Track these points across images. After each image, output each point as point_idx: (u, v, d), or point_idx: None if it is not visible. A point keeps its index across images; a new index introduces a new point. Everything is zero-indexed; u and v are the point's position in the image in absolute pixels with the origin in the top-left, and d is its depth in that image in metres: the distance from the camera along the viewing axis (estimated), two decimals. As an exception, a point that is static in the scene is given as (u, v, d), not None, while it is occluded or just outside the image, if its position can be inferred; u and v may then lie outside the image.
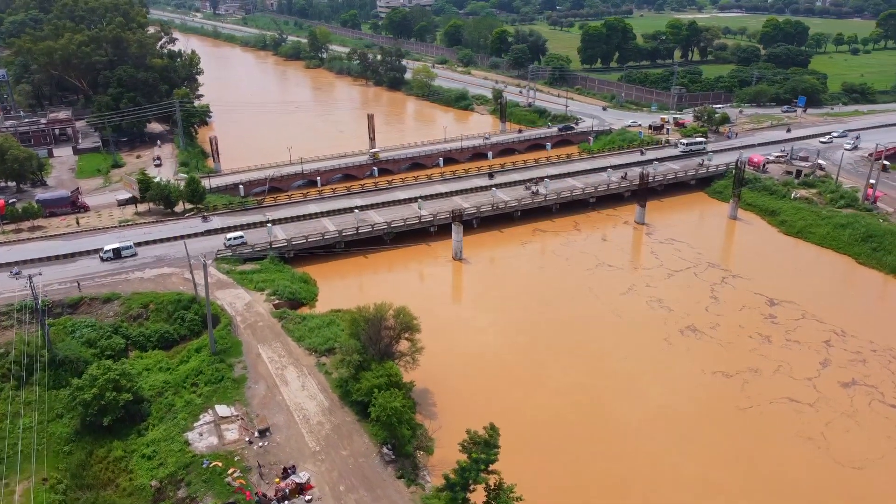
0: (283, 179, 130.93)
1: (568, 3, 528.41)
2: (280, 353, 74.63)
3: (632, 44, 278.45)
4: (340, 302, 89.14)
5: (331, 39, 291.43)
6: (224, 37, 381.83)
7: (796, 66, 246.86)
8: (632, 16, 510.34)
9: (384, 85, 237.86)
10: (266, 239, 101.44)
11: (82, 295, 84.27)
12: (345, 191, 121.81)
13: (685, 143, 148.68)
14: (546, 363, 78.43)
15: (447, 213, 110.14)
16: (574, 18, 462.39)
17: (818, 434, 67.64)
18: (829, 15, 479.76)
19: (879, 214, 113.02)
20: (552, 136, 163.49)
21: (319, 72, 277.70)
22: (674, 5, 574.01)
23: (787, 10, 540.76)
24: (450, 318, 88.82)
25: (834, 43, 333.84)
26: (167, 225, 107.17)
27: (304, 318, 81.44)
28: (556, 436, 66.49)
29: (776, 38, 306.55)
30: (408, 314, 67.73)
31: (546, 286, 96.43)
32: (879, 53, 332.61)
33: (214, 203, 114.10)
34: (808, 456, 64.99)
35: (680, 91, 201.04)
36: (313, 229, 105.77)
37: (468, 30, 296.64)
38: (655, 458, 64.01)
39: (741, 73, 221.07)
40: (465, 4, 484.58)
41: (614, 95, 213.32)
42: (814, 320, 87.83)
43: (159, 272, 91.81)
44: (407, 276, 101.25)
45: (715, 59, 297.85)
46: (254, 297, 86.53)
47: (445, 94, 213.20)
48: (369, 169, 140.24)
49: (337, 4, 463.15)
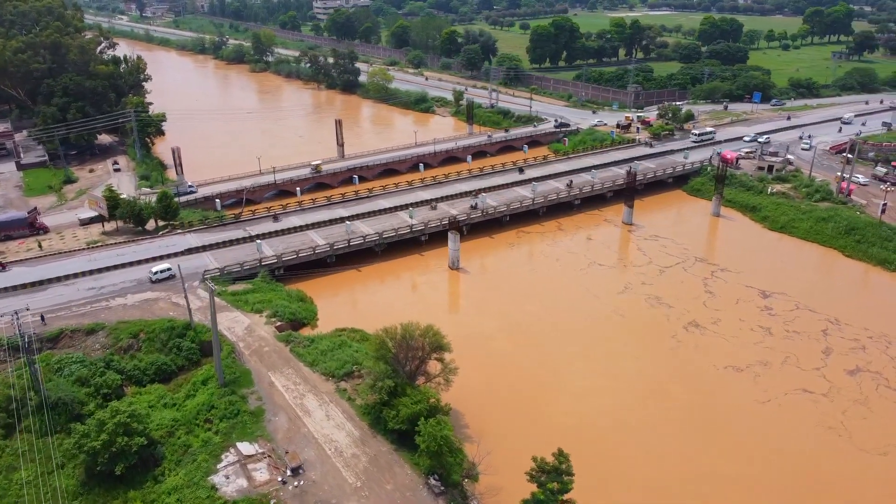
0: (256, 191, 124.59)
1: (505, 2, 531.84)
2: (295, 381, 69.78)
3: (579, 43, 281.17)
4: (342, 320, 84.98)
5: (276, 42, 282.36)
6: (157, 40, 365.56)
7: (736, 62, 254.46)
8: (567, 14, 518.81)
9: (337, 88, 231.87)
10: (254, 256, 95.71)
11: (62, 327, 76.97)
12: (325, 200, 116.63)
13: (697, 134, 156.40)
14: (561, 368, 77.31)
15: (437, 220, 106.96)
16: (513, 18, 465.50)
17: (838, 423, 69.00)
18: (752, 12, 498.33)
19: (856, 207, 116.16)
20: (542, 135, 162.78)
21: (266, 76, 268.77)
22: (606, 4, 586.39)
23: (713, 7, 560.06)
24: (456, 328, 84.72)
25: (766, 39, 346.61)
26: (141, 245, 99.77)
27: (312, 340, 76.64)
28: (588, 443, 64.95)
29: (714, 35, 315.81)
30: (437, 333, 64.21)
31: (546, 289, 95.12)
32: (807, 49, 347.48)
33: (189, 219, 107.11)
34: (833, 446, 65.88)
35: (637, 89, 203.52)
36: (301, 243, 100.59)
37: (415, 30, 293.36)
38: (692, 458, 63.74)
39: (691, 71, 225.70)
40: (404, 5, 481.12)
41: (571, 94, 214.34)
42: (807, 310, 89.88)
43: (143, 297, 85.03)
44: (404, 288, 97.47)
45: (658, 57, 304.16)
46: (252, 319, 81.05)
47: (403, 96, 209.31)
48: (343, 177, 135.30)
49: (272, 6, 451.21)
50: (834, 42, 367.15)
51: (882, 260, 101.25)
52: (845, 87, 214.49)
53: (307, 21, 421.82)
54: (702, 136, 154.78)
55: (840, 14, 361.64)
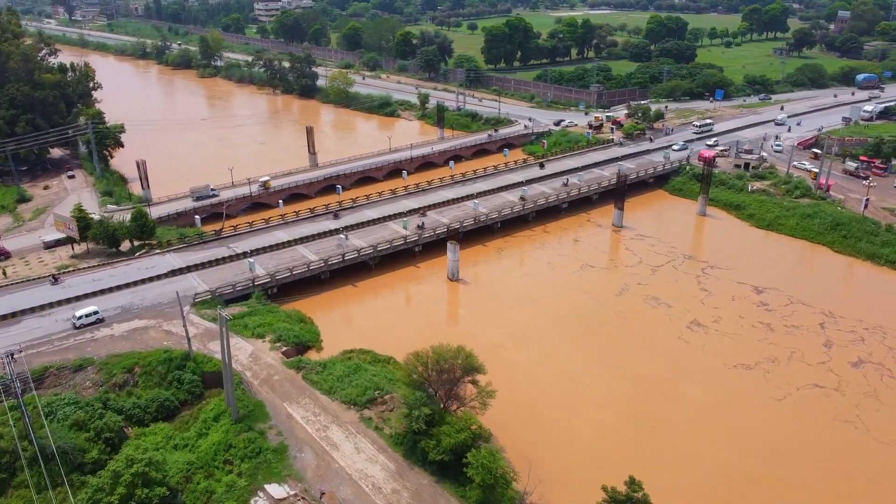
0: (232, 204, 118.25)
1: (449, 2, 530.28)
2: (314, 411, 65.25)
3: (533, 43, 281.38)
4: (347, 340, 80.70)
5: (224, 46, 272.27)
6: (93, 45, 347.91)
7: (685, 60, 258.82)
8: (511, 14, 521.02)
9: (294, 93, 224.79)
10: (245, 275, 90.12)
11: (46, 364, 70.14)
12: (308, 212, 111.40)
13: (698, 125, 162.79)
14: (576, 375, 76.17)
15: (431, 230, 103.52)
16: (458, 18, 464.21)
17: (854, 417, 70.09)
18: (688, 10, 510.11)
19: (836, 202, 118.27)
20: (515, 137, 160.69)
21: (215, 81, 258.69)
22: (547, 3, 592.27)
23: (650, 6, 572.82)
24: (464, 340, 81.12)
25: (709, 37, 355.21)
26: (117, 268, 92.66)
27: (323, 365, 72.04)
28: (617, 451, 64.22)
29: (661, 33, 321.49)
30: (470, 355, 60.82)
31: (544, 294, 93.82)
32: (748, 45, 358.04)
33: (166, 237, 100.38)
34: (853, 439, 66.70)
35: (599, 89, 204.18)
36: (291, 259, 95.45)
37: (367, 32, 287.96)
38: (721, 461, 63.46)
39: (649, 69, 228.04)
40: (347, 6, 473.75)
41: (533, 95, 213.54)
42: (801, 304, 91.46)
43: (131, 326, 78.59)
44: (405, 302, 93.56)
45: (608, 56, 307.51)
46: (255, 345, 75.84)
47: (365, 100, 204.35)
48: (320, 186, 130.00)
49: (212, 8, 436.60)
50: (771, 39, 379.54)
51: (871, 254, 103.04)
52: (796, 83, 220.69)
53: (250, 23, 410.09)
54: (702, 128, 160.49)
55: (776, 12, 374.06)
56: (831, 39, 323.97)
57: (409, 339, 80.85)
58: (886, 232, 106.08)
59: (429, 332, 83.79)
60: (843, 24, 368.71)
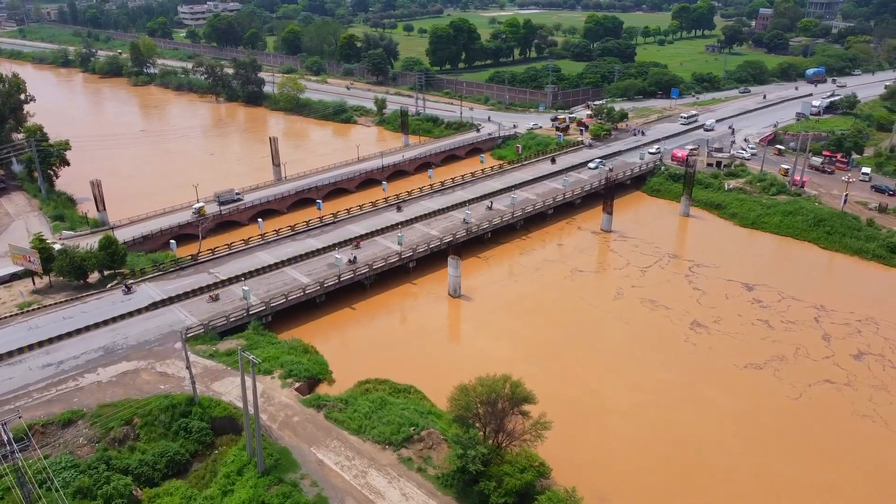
0: (199, 223, 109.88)
1: (380, 3, 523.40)
2: (346, 455, 59.65)
3: (477, 44, 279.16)
4: (358, 369, 75.18)
5: (157, 52, 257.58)
6: (6, 53, 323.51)
7: (626, 58, 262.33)
8: (442, 15, 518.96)
9: (240, 100, 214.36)
10: (235, 304, 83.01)
11: (29, 420, 61.67)
12: (289, 230, 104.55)
13: (685, 117, 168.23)
14: (596, 387, 74.32)
15: (425, 244, 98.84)
16: (393, 19, 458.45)
17: (871, 411, 71.18)
18: (615, 9, 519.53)
19: (814, 198, 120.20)
20: (482, 141, 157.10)
21: (149, 90, 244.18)
22: (477, 3, 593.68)
23: (578, 5, 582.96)
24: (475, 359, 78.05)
25: (642, 35, 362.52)
26: (89, 303, 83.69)
27: (344, 401, 66.35)
28: (665, 469, 62.56)
29: (599, 32, 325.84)
30: (518, 384, 56.67)
31: (544, 303, 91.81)
32: (680, 43, 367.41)
33: (139, 266, 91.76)
34: (874, 433, 67.46)
35: (554, 89, 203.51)
36: (282, 283, 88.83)
37: (308, 35, 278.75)
38: (756, 467, 62.97)
39: (598, 69, 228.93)
40: (277, 8, 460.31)
41: (488, 97, 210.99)
42: (793, 300, 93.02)
43: (119, 370, 70.57)
44: (408, 324, 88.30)
45: (550, 55, 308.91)
46: (265, 383, 69.26)
47: (318, 106, 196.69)
48: (292, 200, 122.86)
49: (133, 12, 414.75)
50: (700, 36, 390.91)
51: (858, 250, 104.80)
52: (740, 80, 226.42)
53: (175, 27, 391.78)
54: (689, 120, 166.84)
55: (704, 10, 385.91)
56: (759, 36, 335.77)
57: (420, 364, 77.12)
58: (868, 227, 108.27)
59: (439, 354, 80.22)
60: (765, 21, 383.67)
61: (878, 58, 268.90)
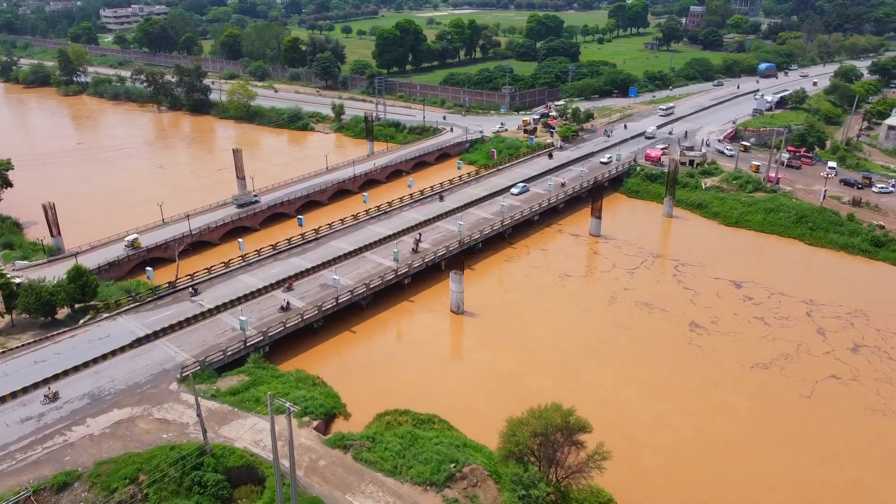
0: (169, 245, 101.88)
1: (313, 5, 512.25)
2: (385, 501, 54.55)
3: (424, 45, 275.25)
4: (371, 399, 70.23)
5: (88, 59, 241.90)
6: None
7: (571, 57, 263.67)
8: (377, 16, 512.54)
9: (184, 109, 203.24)
10: (228, 335, 76.35)
11: (16, 488, 54.10)
12: (270, 249, 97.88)
13: (664, 109, 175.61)
14: (612, 397, 72.16)
15: (420, 259, 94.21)
16: (329, 21, 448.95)
17: (881, 405, 71.99)
18: (547, 8, 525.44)
19: (789, 194, 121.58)
20: (451, 146, 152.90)
21: (81, 99, 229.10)
22: (411, 4, 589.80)
23: (511, 5, 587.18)
24: (486, 377, 75.82)
25: (582, 34, 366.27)
26: (61, 343, 75.31)
27: (371, 438, 61.15)
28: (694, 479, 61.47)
29: (541, 32, 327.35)
30: (572, 414, 53.16)
31: (542, 312, 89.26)
32: (618, 41, 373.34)
33: (112, 297, 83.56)
34: (891, 428, 68.05)
35: (511, 90, 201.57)
36: (276, 308, 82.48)
37: (249, 39, 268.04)
38: (794, 472, 62.31)
39: (551, 68, 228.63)
40: (206, 12, 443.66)
41: (444, 100, 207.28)
42: (782, 296, 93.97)
43: (111, 419, 63.20)
44: (413, 345, 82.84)
45: (495, 56, 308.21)
46: (278, 423, 63.07)
47: (271, 113, 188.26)
48: (265, 216, 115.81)
49: (51, 18, 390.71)
50: (635, 35, 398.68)
51: (843, 245, 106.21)
52: (689, 77, 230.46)
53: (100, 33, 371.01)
54: (668, 111, 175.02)
55: (638, 8, 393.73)
56: (694, 34, 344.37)
57: (434, 388, 73.34)
58: (849, 222, 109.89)
59: (451, 376, 76.42)
60: (696, 19, 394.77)
61: (811, 53, 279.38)
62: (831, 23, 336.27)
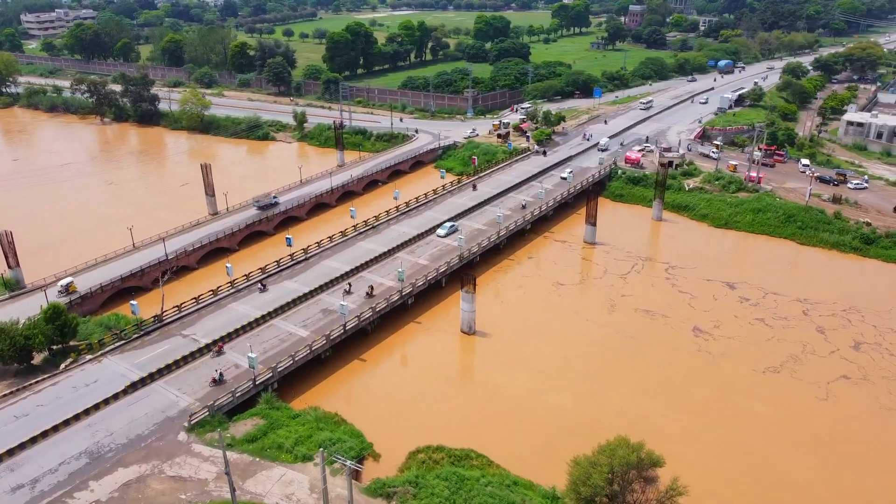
0: (146, 273, 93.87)
1: (249, 8, 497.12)
2: (446, 555, 50.02)
3: (375, 48, 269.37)
4: (397, 435, 65.44)
5: (18, 69, 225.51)
6: None
7: (520, 57, 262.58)
8: (316, 18, 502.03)
9: (131, 120, 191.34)
10: (233, 373, 69.80)
11: (21, 575, 47.03)
12: (259, 273, 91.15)
13: (644, 103, 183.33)
14: (636, 412, 69.72)
15: (423, 277, 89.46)
16: (268, 24, 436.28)
17: (894, 403, 71.46)
18: (486, 9, 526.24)
19: (772, 194, 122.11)
20: (424, 153, 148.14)
21: (12, 112, 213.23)
22: (349, 6, 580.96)
23: (450, 5, 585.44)
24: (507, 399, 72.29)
25: (528, 34, 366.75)
26: (43, 392, 67.16)
27: (414, 483, 56.24)
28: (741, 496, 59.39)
29: (489, 33, 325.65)
30: (648, 450, 49.72)
31: (544, 323, 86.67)
32: (563, 41, 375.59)
33: (95, 335, 75.58)
34: None
35: (473, 94, 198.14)
36: (279, 340, 76.31)
37: (192, 44, 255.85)
38: (835, 480, 61.06)
39: (507, 70, 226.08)
40: (137, 16, 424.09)
41: (404, 105, 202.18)
42: (775, 295, 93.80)
43: (117, 480, 56.10)
44: (428, 370, 77.46)
45: (445, 58, 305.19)
46: (310, 473, 57.58)
47: (227, 123, 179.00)
48: (242, 235, 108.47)
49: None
50: (578, 34, 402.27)
51: (835, 243, 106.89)
52: (644, 76, 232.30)
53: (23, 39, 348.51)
54: (647, 105, 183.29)
55: (581, 8, 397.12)
56: (638, 33, 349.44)
57: (458, 416, 69.72)
58: (837, 220, 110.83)
59: (473, 402, 72.82)
60: (636, 18, 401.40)
61: (754, 50, 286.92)
62: (767, 20, 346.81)
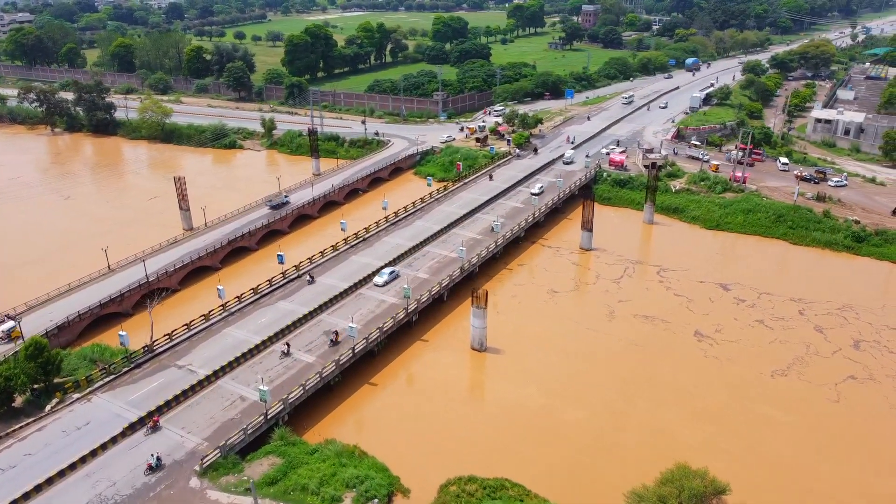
0: (125, 298, 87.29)
1: (195, 10, 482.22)
2: None
3: (335, 51, 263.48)
4: (424, 468, 61.63)
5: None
6: None
7: (482, 58, 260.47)
8: (266, 20, 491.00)
9: (85, 130, 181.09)
10: (237, 408, 64.63)
11: None
12: (251, 294, 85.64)
13: (626, 98, 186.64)
14: (653, 424, 68.31)
15: (426, 293, 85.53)
16: (217, 26, 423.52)
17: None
18: (438, 9, 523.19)
19: (758, 193, 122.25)
20: (402, 159, 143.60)
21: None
22: (298, 7, 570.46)
23: (401, 6, 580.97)
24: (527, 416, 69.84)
25: (485, 35, 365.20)
26: (28, 440, 60.70)
27: (455, 521, 52.62)
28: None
29: (447, 34, 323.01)
30: (713, 477, 47.29)
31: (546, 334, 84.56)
32: (520, 41, 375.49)
33: (80, 371, 69.20)
34: None
35: (443, 96, 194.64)
36: (284, 367, 71.31)
37: (144, 49, 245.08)
38: (863, 485, 60.14)
39: (474, 72, 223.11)
40: (78, 20, 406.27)
41: (373, 109, 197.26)
42: (769, 295, 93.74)
43: (128, 538, 50.74)
44: (444, 393, 73.31)
45: (405, 59, 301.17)
46: (336, 515, 53.32)
47: (189, 131, 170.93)
48: (224, 253, 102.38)
49: None
50: (533, 34, 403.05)
51: (827, 242, 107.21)
52: (609, 76, 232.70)
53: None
54: (629, 99, 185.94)
55: (536, 8, 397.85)
56: (594, 32, 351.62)
57: (479, 439, 66.59)
58: (826, 218, 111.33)
59: (493, 423, 69.68)
60: (591, 18, 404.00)
61: (710, 49, 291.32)
62: (718, 19, 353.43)
